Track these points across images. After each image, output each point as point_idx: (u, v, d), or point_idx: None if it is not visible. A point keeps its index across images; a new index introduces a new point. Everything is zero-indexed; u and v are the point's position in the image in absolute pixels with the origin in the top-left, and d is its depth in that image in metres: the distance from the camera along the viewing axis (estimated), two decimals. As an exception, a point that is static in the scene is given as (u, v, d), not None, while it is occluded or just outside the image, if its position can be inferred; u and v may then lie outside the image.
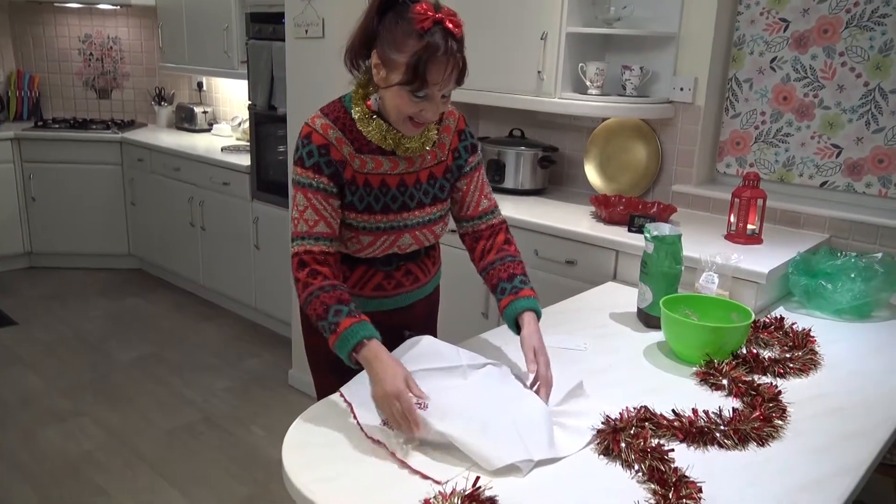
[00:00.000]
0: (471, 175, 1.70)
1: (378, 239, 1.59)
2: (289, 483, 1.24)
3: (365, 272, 1.65)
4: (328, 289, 1.46)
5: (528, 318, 1.56)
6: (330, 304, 1.43)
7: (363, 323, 1.42)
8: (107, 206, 4.85)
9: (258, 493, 2.64)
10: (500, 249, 1.69)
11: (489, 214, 1.72)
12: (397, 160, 1.57)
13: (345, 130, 1.53)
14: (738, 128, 2.84)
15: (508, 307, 1.59)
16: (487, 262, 1.68)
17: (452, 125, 1.67)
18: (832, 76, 2.59)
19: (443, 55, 1.39)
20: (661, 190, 2.98)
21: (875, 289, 2.09)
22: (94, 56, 5.25)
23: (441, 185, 1.65)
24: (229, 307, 4.37)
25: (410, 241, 1.64)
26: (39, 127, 4.84)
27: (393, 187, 1.57)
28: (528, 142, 3.15)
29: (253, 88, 3.74)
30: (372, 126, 1.53)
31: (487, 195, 1.73)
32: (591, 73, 2.79)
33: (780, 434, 1.42)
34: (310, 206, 1.51)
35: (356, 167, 1.53)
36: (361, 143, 1.54)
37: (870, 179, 2.58)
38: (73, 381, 3.43)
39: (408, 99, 1.44)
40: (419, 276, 1.74)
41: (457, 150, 1.68)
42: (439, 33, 1.39)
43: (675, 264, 1.91)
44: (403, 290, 1.71)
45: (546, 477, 1.25)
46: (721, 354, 1.68)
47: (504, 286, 1.62)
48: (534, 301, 1.60)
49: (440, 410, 1.32)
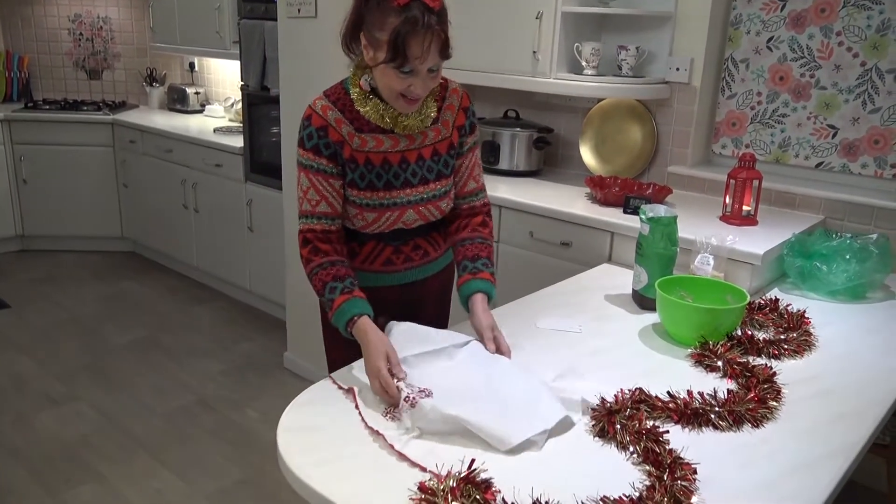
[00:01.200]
0: (465, 155, 1.73)
1: (382, 215, 1.63)
2: (284, 466, 1.24)
3: (374, 247, 1.70)
4: (326, 265, 1.57)
5: (479, 298, 1.63)
6: (327, 282, 1.55)
7: (354, 300, 1.53)
8: (99, 188, 4.82)
9: (254, 475, 2.64)
10: (473, 229, 1.75)
11: (472, 196, 1.77)
12: (398, 138, 1.60)
13: (344, 111, 1.57)
14: (734, 108, 2.83)
15: (464, 286, 1.66)
16: (459, 238, 1.75)
17: (456, 103, 1.69)
18: (829, 56, 2.57)
19: (421, 28, 1.42)
20: (657, 171, 2.96)
21: (870, 270, 2.09)
22: (84, 36, 5.19)
23: (445, 161, 1.67)
24: (224, 290, 4.36)
25: (415, 217, 1.67)
26: (29, 108, 4.79)
27: (395, 164, 1.61)
28: (522, 123, 3.13)
29: (245, 69, 3.70)
30: (369, 105, 1.57)
31: (476, 177, 1.77)
32: (587, 53, 2.77)
33: (774, 415, 1.42)
34: (312, 187, 1.58)
35: (355, 146, 1.57)
36: (361, 123, 1.58)
37: (865, 160, 2.57)
38: (67, 364, 3.43)
39: (395, 76, 1.47)
40: (428, 251, 1.76)
41: (463, 126, 1.70)
42: (417, 8, 1.42)
43: (671, 246, 1.91)
44: (412, 264, 1.74)
45: (541, 459, 1.25)
46: (716, 336, 1.68)
47: (466, 264, 1.69)
48: (489, 284, 1.66)
49: (446, 395, 1.33)
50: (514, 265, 2.71)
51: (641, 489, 1.14)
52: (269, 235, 3.79)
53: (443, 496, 1.07)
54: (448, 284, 1.91)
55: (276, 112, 3.46)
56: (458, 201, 1.76)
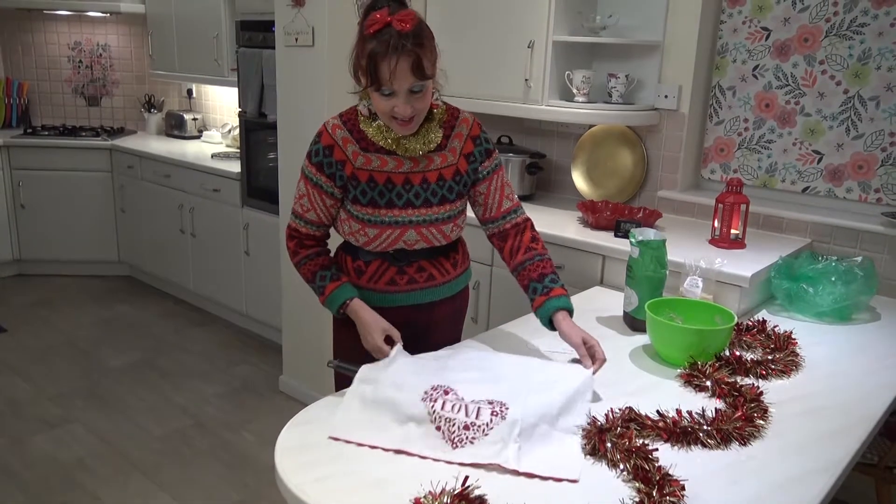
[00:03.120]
0: (489, 178, 1.78)
1: (383, 232, 1.69)
2: (282, 484, 1.26)
3: (378, 266, 1.76)
4: (312, 256, 1.76)
5: (563, 315, 1.69)
6: (316, 271, 1.74)
7: (343, 286, 1.72)
8: (96, 213, 4.85)
9: (250, 498, 2.65)
10: (528, 249, 1.79)
11: (512, 214, 1.82)
12: (402, 159, 1.68)
13: (353, 131, 1.68)
14: (721, 134, 2.89)
15: (542, 307, 1.71)
16: (517, 262, 1.79)
17: (465, 132, 1.75)
18: (813, 84, 2.65)
19: (389, 52, 1.51)
20: (647, 196, 3.02)
21: (855, 292, 2.13)
22: (83, 63, 5.26)
23: (450, 186, 1.72)
24: (220, 314, 4.38)
25: (416, 238, 1.72)
26: (29, 134, 4.84)
27: (398, 185, 1.68)
28: (515, 148, 3.19)
29: (243, 96, 3.76)
30: (373, 127, 1.66)
31: (509, 196, 1.83)
32: (578, 80, 2.84)
33: (761, 434, 1.45)
34: (307, 195, 1.72)
35: (358, 164, 1.66)
36: (368, 143, 1.68)
37: (850, 185, 2.63)
38: (63, 388, 3.44)
39: (378, 98, 1.58)
40: (434, 275, 1.79)
41: (471, 154, 1.75)
42: (387, 33, 1.51)
43: (660, 268, 1.95)
44: (417, 286, 1.78)
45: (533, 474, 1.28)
46: (705, 357, 1.71)
47: (535, 286, 1.74)
48: (566, 300, 1.72)
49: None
50: (508, 288, 2.74)
51: (631, 505, 1.17)
52: (266, 260, 3.82)
53: (438, 512, 1.10)
54: (460, 311, 1.95)
55: (273, 138, 3.52)
56: (500, 223, 1.81)
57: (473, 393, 1.42)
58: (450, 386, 1.44)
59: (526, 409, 1.36)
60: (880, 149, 2.55)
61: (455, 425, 1.34)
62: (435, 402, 1.38)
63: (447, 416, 1.35)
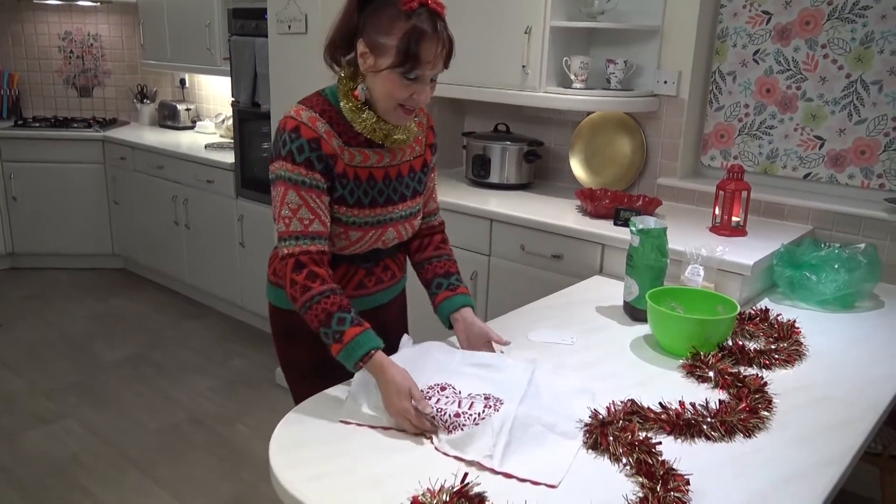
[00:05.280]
0: (432, 172, 1.74)
1: (367, 234, 1.59)
2: (276, 482, 1.23)
3: (346, 271, 1.64)
4: (328, 293, 1.44)
5: (470, 311, 1.66)
6: (333, 312, 1.43)
7: (367, 332, 1.43)
8: (89, 205, 4.80)
9: (246, 492, 2.62)
10: (437, 247, 1.76)
11: (431, 216, 1.78)
12: (382, 153, 1.57)
13: (332, 123, 1.50)
14: (721, 120, 2.85)
15: (446, 302, 1.67)
16: (424, 257, 1.74)
17: (425, 121, 1.69)
18: (814, 68, 2.60)
19: (432, 33, 1.40)
20: (647, 183, 2.98)
21: (858, 279, 2.10)
22: (74, 53, 5.19)
23: (420, 178, 1.67)
24: (215, 306, 4.35)
25: (394, 236, 1.65)
26: (19, 126, 4.78)
27: (379, 181, 1.57)
28: (513, 136, 3.14)
29: (236, 85, 3.71)
30: (363, 117, 1.50)
31: (435, 198, 1.79)
32: (576, 66, 2.79)
33: (766, 425, 1.42)
34: (304, 205, 1.47)
35: (347, 160, 1.51)
36: (349, 136, 1.52)
37: (852, 171, 2.59)
38: (57, 382, 3.40)
39: (399, 83, 1.43)
40: (395, 272, 1.75)
41: (433, 145, 1.70)
42: (425, 13, 1.40)
43: (661, 257, 1.92)
44: (383, 286, 1.72)
45: (534, 472, 1.24)
46: (707, 347, 1.68)
47: (441, 281, 1.69)
48: (471, 299, 1.69)
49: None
50: (506, 278, 2.71)
51: (634, 501, 1.14)
52: (261, 251, 3.78)
53: (436, 510, 1.07)
54: (405, 307, 1.90)
55: (266, 128, 3.47)
56: (424, 219, 1.75)
57: (471, 387, 1.39)
58: (447, 382, 1.41)
59: (522, 406, 1.34)
60: (883, 134, 2.51)
61: (447, 414, 1.32)
62: (430, 399, 1.36)
63: (440, 408, 1.34)
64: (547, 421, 1.34)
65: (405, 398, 1.34)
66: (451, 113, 3.45)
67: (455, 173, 3.38)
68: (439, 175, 3.32)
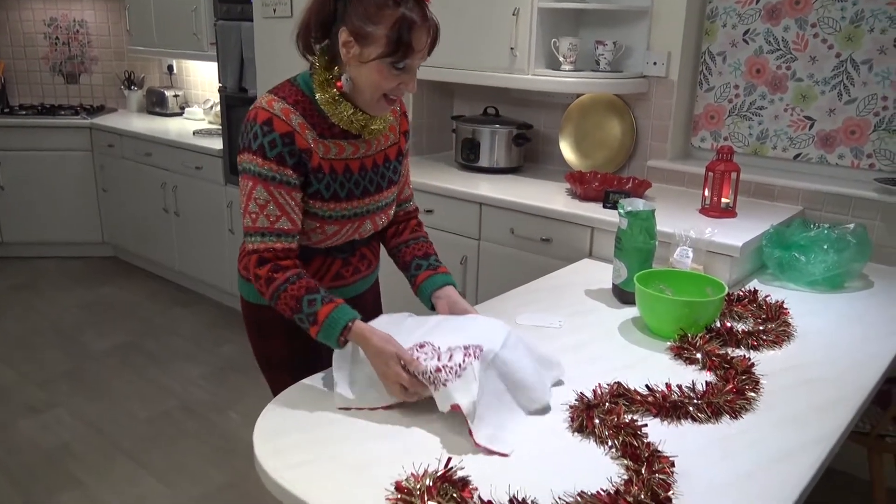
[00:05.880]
0: (406, 158, 1.70)
1: (343, 227, 1.55)
2: (260, 469, 1.22)
3: (322, 262, 1.60)
4: (293, 279, 1.42)
5: (452, 289, 1.62)
6: (301, 296, 1.40)
7: (341, 307, 1.40)
8: (78, 193, 4.77)
9: (236, 479, 2.62)
10: (412, 230, 1.75)
11: (406, 203, 1.76)
12: (358, 144, 1.52)
13: (306, 115, 1.44)
14: (711, 101, 2.83)
15: (428, 281, 1.63)
16: (401, 240, 1.73)
17: (398, 108, 1.65)
18: (804, 48, 2.58)
19: (422, 22, 1.37)
20: (637, 165, 2.97)
21: (847, 259, 2.10)
22: (60, 40, 5.13)
23: (395, 167, 1.63)
24: (206, 293, 4.33)
25: (370, 227, 1.62)
26: (6, 114, 4.73)
27: (355, 172, 1.53)
28: (502, 119, 3.12)
29: (223, 70, 3.67)
30: (340, 108, 1.45)
31: (409, 183, 1.76)
32: (564, 48, 2.77)
33: (752, 406, 1.42)
34: (272, 201, 1.42)
35: (321, 153, 1.46)
36: (324, 128, 1.46)
37: (842, 151, 2.58)
38: (47, 372, 3.39)
39: (387, 73, 1.39)
40: (372, 261, 1.73)
41: (406, 132, 1.68)
42: (412, 1, 1.36)
43: (649, 239, 1.91)
44: (360, 276, 1.69)
45: (519, 455, 1.24)
46: (695, 328, 1.68)
47: (420, 262, 1.67)
48: (452, 278, 1.66)
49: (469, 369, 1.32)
50: (495, 262, 2.70)
51: (619, 483, 1.14)
52: (251, 237, 3.76)
53: (419, 495, 1.06)
54: (378, 295, 1.87)
55: (254, 113, 3.43)
56: (399, 206, 1.73)
57: (449, 341, 1.35)
58: (425, 340, 1.37)
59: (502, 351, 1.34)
60: (873, 113, 2.50)
61: (428, 371, 1.30)
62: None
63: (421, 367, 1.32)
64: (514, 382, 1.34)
65: (394, 363, 1.32)
66: (440, 96, 3.43)
67: (444, 157, 3.36)
68: (429, 159, 3.30)
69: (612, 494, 1.09)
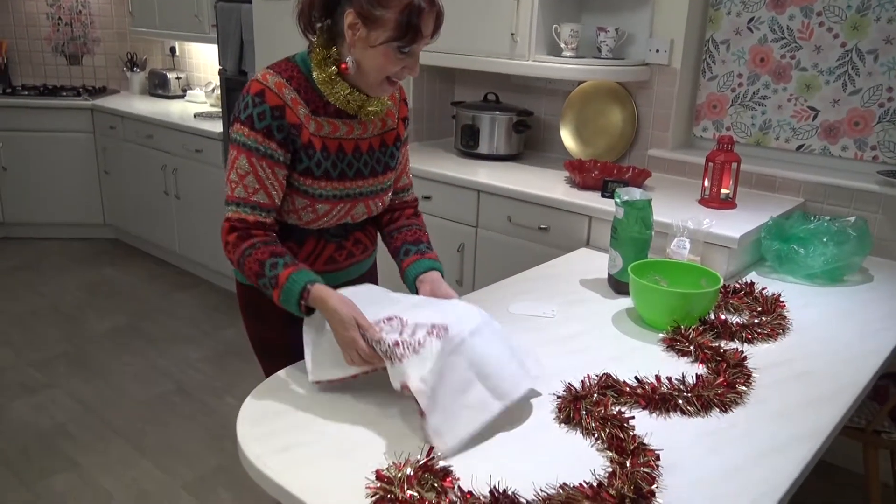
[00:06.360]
0: (405, 146, 1.69)
1: (334, 208, 1.54)
2: (242, 456, 1.21)
3: (315, 245, 1.59)
4: (258, 245, 1.42)
5: (437, 275, 1.57)
6: (264, 260, 1.40)
7: (301, 270, 1.39)
8: (80, 174, 4.76)
9: (231, 463, 2.62)
10: (407, 218, 1.72)
11: (404, 192, 1.74)
12: (353, 125, 1.51)
13: (300, 90, 1.44)
14: (714, 90, 2.80)
15: (414, 265, 1.60)
16: (394, 227, 1.71)
17: (397, 94, 1.63)
18: (809, 37, 2.54)
19: (430, 7, 1.37)
20: (638, 154, 2.94)
21: (847, 253, 2.07)
22: (62, 21, 5.11)
23: (392, 152, 1.62)
24: (205, 276, 4.33)
25: (364, 211, 1.60)
26: (8, 94, 4.71)
27: (349, 153, 1.52)
28: (502, 106, 3.09)
29: (223, 52, 3.65)
30: (336, 88, 1.45)
31: (408, 172, 1.74)
32: (566, 34, 2.73)
33: (743, 400, 1.40)
34: (252, 173, 1.42)
35: (312, 130, 1.46)
36: (318, 105, 1.46)
37: (846, 142, 2.55)
38: (45, 353, 3.39)
39: (393, 57, 1.39)
40: (367, 245, 1.71)
41: (406, 118, 1.66)
42: None
43: (645, 229, 1.89)
44: (354, 260, 1.68)
45: (503, 446, 1.22)
46: (688, 320, 1.66)
47: (409, 247, 1.64)
48: (440, 265, 1.62)
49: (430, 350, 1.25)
50: (492, 250, 2.68)
51: (603, 476, 1.12)
52: (250, 222, 3.74)
53: (399, 484, 1.05)
54: (376, 278, 1.85)
55: (254, 96, 3.41)
56: (396, 195, 1.72)
57: (418, 317, 1.30)
58: (396, 314, 1.32)
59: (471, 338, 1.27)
60: (878, 104, 2.46)
61: (386, 343, 1.25)
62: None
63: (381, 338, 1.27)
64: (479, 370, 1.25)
65: (352, 328, 1.30)
66: (441, 82, 3.39)
67: (444, 144, 3.33)
68: (428, 145, 3.28)
69: (595, 487, 1.08)
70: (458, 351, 1.25)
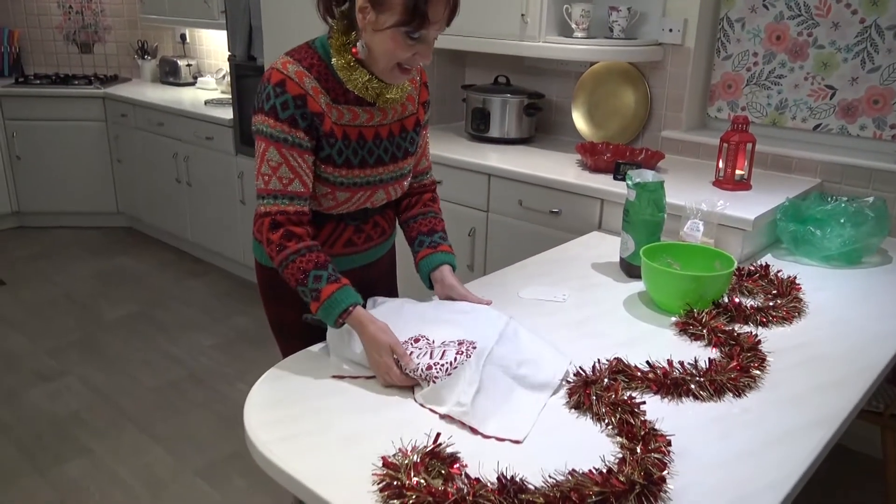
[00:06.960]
0: (425, 129, 1.67)
1: (355, 195, 1.53)
2: (249, 443, 1.21)
3: (334, 229, 1.59)
4: (303, 251, 1.42)
5: (447, 269, 1.60)
6: (308, 270, 1.40)
7: (345, 289, 1.40)
8: (93, 163, 4.78)
9: (242, 450, 2.63)
10: (424, 204, 1.71)
11: (423, 175, 1.73)
12: (373, 112, 1.50)
13: (320, 79, 1.43)
14: (729, 70, 2.74)
15: (426, 259, 1.62)
16: (410, 215, 1.70)
17: (418, 78, 1.61)
18: (827, 13, 2.48)
19: None
20: (651, 136, 2.89)
21: (865, 234, 2.03)
22: (73, 9, 5.11)
23: (412, 137, 1.60)
24: (218, 263, 4.34)
25: (384, 197, 1.60)
26: (20, 83, 4.73)
27: (369, 140, 1.51)
28: (513, 89, 3.05)
29: (232, 39, 3.63)
30: (355, 75, 1.43)
31: (427, 155, 1.73)
32: (577, 14, 2.68)
33: (757, 384, 1.37)
34: (285, 163, 1.41)
35: (334, 118, 1.44)
36: (338, 93, 1.45)
37: (864, 121, 2.49)
38: (59, 340, 3.41)
39: (402, 42, 1.36)
40: (385, 229, 1.70)
41: (426, 102, 1.64)
42: None
43: (658, 212, 1.85)
44: (373, 244, 1.68)
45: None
46: (702, 304, 1.63)
47: (423, 239, 1.65)
48: (451, 256, 1.64)
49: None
50: (503, 234, 2.66)
51: (612, 462, 1.10)
52: (261, 208, 3.74)
53: (405, 471, 1.04)
54: (394, 260, 1.86)
55: (263, 82, 3.39)
56: (415, 179, 1.71)
57: (444, 334, 1.36)
58: (420, 333, 1.37)
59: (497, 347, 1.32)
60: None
61: (420, 367, 1.29)
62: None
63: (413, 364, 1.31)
64: (516, 373, 1.31)
65: (387, 354, 1.32)
66: (451, 65, 3.36)
67: (455, 127, 3.30)
68: (439, 129, 3.25)
69: (605, 473, 1.06)
70: (491, 360, 1.30)
